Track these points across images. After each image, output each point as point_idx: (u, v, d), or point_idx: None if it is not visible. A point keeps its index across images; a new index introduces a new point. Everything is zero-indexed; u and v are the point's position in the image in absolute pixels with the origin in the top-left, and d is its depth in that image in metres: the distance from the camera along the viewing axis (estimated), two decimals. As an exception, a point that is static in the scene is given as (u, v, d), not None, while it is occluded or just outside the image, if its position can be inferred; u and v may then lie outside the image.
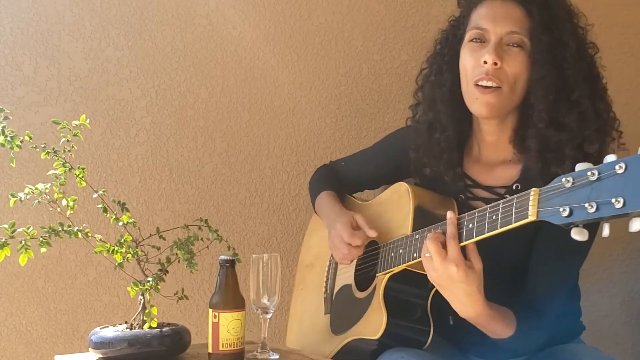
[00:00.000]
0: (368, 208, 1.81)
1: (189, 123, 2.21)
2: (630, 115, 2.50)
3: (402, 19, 2.42)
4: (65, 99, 2.09)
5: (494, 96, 1.53)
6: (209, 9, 2.21)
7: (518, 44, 1.53)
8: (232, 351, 1.53)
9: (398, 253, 1.57)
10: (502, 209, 1.31)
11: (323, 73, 2.34)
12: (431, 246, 1.40)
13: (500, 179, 1.63)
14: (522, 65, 1.53)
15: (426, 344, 1.57)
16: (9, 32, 2.04)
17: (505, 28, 1.54)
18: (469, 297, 1.40)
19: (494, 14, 1.56)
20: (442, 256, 1.39)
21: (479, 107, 1.56)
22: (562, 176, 1.17)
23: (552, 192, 1.19)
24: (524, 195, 1.26)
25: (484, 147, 1.66)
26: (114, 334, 1.55)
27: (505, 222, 1.29)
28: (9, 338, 2.04)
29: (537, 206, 1.22)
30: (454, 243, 1.39)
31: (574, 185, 1.15)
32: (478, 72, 1.54)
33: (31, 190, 1.54)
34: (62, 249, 2.06)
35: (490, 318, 1.46)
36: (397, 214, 1.65)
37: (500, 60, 1.52)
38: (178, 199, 2.19)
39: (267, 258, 1.62)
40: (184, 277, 2.11)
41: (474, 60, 1.56)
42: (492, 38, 1.54)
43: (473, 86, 1.55)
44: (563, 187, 1.16)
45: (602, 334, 2.44)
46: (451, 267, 1.38)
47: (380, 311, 1.58)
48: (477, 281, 1.40)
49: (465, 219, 1.41)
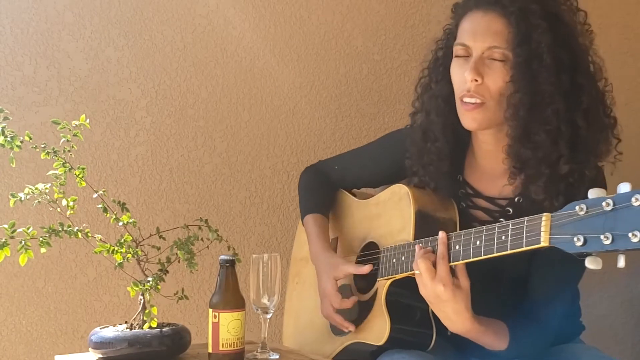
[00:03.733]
0: (364, 207, 1.80)
1: (189, 123, 2.21)
2: (630, 115, 2.50)
3: (402, 19, 2.42)
4: (65, 99, 2.09)
5: (478, 112, 1.53)
6: (209, 9, 2.21)
7: (499, 59, 1.51)
8: (232, 351, 1.53)
9: (400, 260, 1.56)
10: (512, 231, 1.31)
11: (323, 73, 2.34)
12: (421, 265, 1.43)
13: (501, 191, 1.61)
14: (504, 78, 1.50)
15: (429, 346, 1.58)
16: (9, 32, 2.04)
17: (485, 43, 1.51)
18: (457, 314, 1.44)
19: (475, 28, 1.53)
20: (431, 275, 1.42)
21: (466, 122, 1.57)
22: (575, 203, 1.16)
23: (565, 219, 1.18)
24: (535, 219, 1.25)
25: (482, 156, 1.65)
26: (114, 334, 1.55)
27: (515, 244, 1.30)
28: (9, 338, 2.04)
29: (549, 232, 1.22)
30: (442, 263, 1.42)
31: (587, 213, 1.14)
32: (462, 88, 1.54)
33: (31, 190, 1.54)
34: (62, 249, 2.06)
35: (480, 333, 1.48)
36: (397, 218, 1.64)
37: (480, 77, 1.51)
38: (178, 199, 2.19)
39: (267, 258, 1.62)
40: (184, 277, 2.11)
41: (459, 76, 1.55)
42: (473, 54, 1.53)
43: (460, 101, 1.56)
44: (576, 214, 1.16)
45: (602, 334, 2.44)
46: (439, 286, 1.42)
47: (382, 317, 1.58)
48: (465, 300, 1.43)
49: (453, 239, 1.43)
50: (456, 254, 1.42)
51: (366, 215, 1.77)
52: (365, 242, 1.75)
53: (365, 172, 1.87)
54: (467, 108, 1.53)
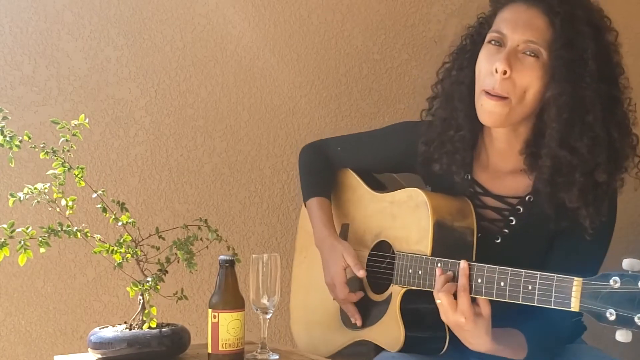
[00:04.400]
0: (379, 201, 1.76)
1: (189, 123, 2.20)
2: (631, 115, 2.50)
3: (402, 19, 2.42)
4: (64, 98, 2.08)
5: (499, 105, 1.51)
6: (209, 8, 2.21)
7: (534, 54, 1.50)
8: (231, 351, 1.53)
9: (417, 274, 1.55)
10: (540, 285, 1.31)
11: (323, 73, 2.34)
12: (443, 298, 1.43)
13: (511, 189, 1.61)
14: (533, 76, 1.50)
15: (443, 349, 1.58)
16: (8, 32, 2.03)
17: (523, 36, 1.50)
18: (477, 338, 1.45)
19: (515, 19, 1.53)
20: (452, 308, 1.43)
21: (482, 115, 1.55)
22: (609, 275, 1.17)
23: (597, 289, 1.19)
24: (566, 281, 1.25)
25: (493, 154, 1.64)
26: (113, 334, 1.55)
27: (543, 300, 1.30)
28: (8, 338, 2.03)
29: (579, 299, 1.23)
30: (464, 296, 1.42)
31: (621, 288, 1.15)
32: (488, 81, 1.52)
33: (30, 190, 1.54)
34: (62, 249, 2.06)
35: (500, 351, 1.48)
36: (414, 225, 1.61)
37: (510, 69, 1.49)
38: (177, 199, 2.19)
39: (267, 258, 1.62)
40: (183, 277, 2.11)
41: (488, 65, 1.53)
42: (508, 43, 1.51)
43: (482, 93, 1.53)
44: (610, 287, 1.16)
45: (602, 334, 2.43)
46: (460, 318, 1.42)
47: (397, 325, 1.58)
48: (485, 326, 1.43)
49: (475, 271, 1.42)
50: (478, 288, 1.42)
51: (380, 211, 1.74)
52: (378, 240, 1.73)
53: (368, 159, 1.86)
54: (489, 97, 1.51)
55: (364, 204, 1.81)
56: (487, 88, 1.51)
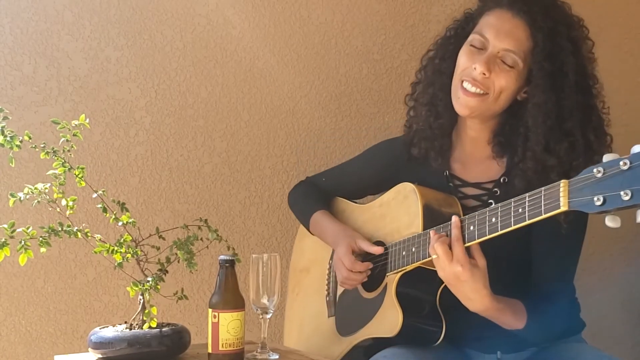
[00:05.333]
0: (367, 210, 1.81)
1: (189, 123, 2.21)
2: (630, 115, 2.50)
3: (402, 19, 2.42)
4: (64, 98, 2.08)
5: (476, 100, 1.61)
6: (209, 8, 2.21)
7: (510, 63, 1.59)
8: (231, 351, 1.53)
9: (411, 251, 1.59)
10: (529, 202, 1.34)
11: (323, 73, 2.34)
12: (439, 248, 1.48)
13: (485, 175, 1.69)
14: (509, 80, 1.59)
15: (439, 339, 1.60)
16: (8, 32, 2.04)
17: (504, 44, 1.59)
18: (476, 293, 1.48)
19: (499, 26, 1.60)
20: (448, 258, 1.47)
21: (459, 107, 1.64)
22: (593, 167, 1.21)
23: (583, 183, 1.23)
24: (553, 187, 1.29)
25: (466, 142, 1.72)
26: (114, 334, 1.55)
27: (534, 214, 1.33)
28: (9, 338, 2.03)
29: (567, 196, 1.26)
30: (458, 245, 1.47)
31: (605, 175, 1.19)
32: (467, 73, 1.61)
33: (31, 190, 1.54)
34: (62, 249, 2.06)
35: (498, 311, 1.52)
36: (404, 214, 1.66)
37: (489, 72, 1.58)
38: (178, 199, 2.19)
39: (267, 258, 1.62)
40: (183, 277, 2.11)
41: (468, 62, 1.62)
42: (489, 49, 1.60)
43: (459, 84, 1.63)
44: (594, 177, 1.20)
45: (602, 334, 2.44)
46: (457, 267, 1.46)
47: (394, 309, 1.59)
48: (482, 278, 1.47)
49: (467, 221, 1.47)
50: (471, 235, 1.46)
51: (369, 218, 1.78)
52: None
53: (351, 184, 1.92)
54: (465, 94, 1.61)
55: (354, 218, 1.85)
56: (467, 78, 1.60)
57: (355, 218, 1.85)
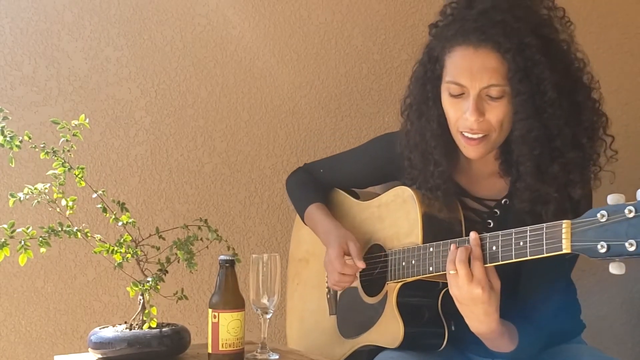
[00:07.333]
0: (366, 209, 1.79)
1: (189, 123, 2.21)
2: (630, 115, 2.50)
3: (402, 19, 2.42)
4: (64, 98, 2.08)
5: (482, 145, 1.52)
6: (209, 8, 2.21)
7: (498, 96, 1.48)
8: (231, 351, 1.53)
9: (410, 264, 1.56)
10: (530, 237, 1.31)
11: (323, 73, 2.34)
12: (461, 267, 1.40)
13: (489, 191, 1.63)
14: (504, 111, 1.49)
15: (442, 345, 1.58)
16: (8, 32, 2.04)
17: (483, 82, 1.47)
18: (488, 316, 1.43)
19: (469, 66, 1.48)
20: (469, 278, 1.40)
21: (467, 153, 1.55)
22: (596, 210, 1.18)
23: (586, 226, 1.20)
24: (555, 226, 1.26)
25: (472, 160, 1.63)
26: (114, 334, 1.55)
27: (535, 251, 1.30)
28: (8, 338, 2.03)
29: (570, 239, 1.23)
30: (480, 265, 1.40)
31: (609, 220, 1.16)
32: (462, 124, 1.52)
33: (30, 190, 1.54)
34: (62, 249, 2.06)
35: (499, 335, 1.47)
36: (403, 220, 1.63)
37: (482, 116, 1.49)
38: (178, 199, 2.19)
39: (267, 258, 1.62)
40: (183, 277, 2.11)
41: (456, 112, 1.52)
42: (471, 93, 1.49)
43: (459, 134, 1.54)
44: (597, 221, 1.17)
45: (602, 334, 2.44)
46: (477, 289, 1.40)
47: (395, 321, 1.58)
48: (496, 301, 1.42)
49: (488, 240, 1.41)
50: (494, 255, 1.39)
51: (368, 217, 1.77)
52: (369, 245, 1.74)
53: (349, 176, 1.89)
54: (471, 143, 1.52)
55: (353, 215, 1.83)
56: (465, 130, 1.52)
57: (353, 215, 1.83)
